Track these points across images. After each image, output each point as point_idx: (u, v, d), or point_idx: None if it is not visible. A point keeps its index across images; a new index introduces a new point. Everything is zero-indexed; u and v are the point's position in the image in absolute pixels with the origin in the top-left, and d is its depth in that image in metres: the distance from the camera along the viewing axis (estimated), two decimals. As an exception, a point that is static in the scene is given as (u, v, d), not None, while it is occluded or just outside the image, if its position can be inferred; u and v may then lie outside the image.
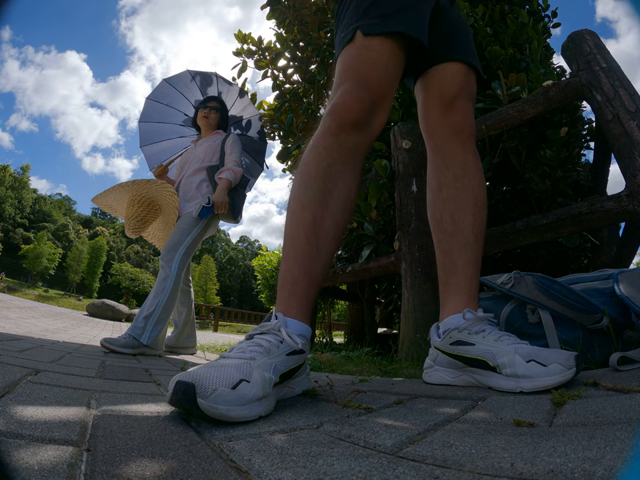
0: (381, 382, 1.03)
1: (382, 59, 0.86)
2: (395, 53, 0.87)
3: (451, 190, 1.00)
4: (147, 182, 2.10)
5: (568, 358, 0.70)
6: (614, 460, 0.33)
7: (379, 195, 1.96)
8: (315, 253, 0.80)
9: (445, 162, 1.02)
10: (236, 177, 2.11)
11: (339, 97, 0.84)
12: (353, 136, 0.84)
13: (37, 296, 22.20)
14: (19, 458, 0.34)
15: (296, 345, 0.70)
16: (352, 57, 0.88)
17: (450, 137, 1.01)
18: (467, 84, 1.03)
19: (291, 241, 0.82)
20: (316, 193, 0.82)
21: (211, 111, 2.32)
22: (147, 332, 1.84)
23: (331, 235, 0.82)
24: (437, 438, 0.46)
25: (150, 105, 2.55)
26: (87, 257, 45.61)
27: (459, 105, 1.00)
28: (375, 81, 0.85)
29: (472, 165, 1.01)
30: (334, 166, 0.83)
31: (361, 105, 0.83)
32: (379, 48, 0.86)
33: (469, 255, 0.96)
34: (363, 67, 0.86)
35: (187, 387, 0.52)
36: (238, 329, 14.25)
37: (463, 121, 1.00)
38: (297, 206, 0.84)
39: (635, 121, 1.25)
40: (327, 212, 0.82)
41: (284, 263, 0.82)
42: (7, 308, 5.84)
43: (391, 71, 0.88)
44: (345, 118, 0.83)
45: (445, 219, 1.00)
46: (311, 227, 0.80)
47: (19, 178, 54.88)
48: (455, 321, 0.90)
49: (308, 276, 0.79)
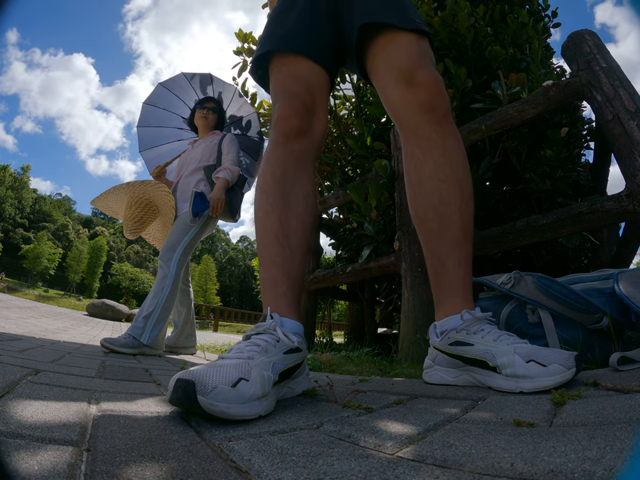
0: (381, 382, 1.03)
1: (296, 69, 0.96)
2: (299, 61, 0.96)
3: (432, 182, 0.89)
4: (141, 183, 2.10)
5: (568, 358, 0.70)
6: (614, 460, 0.32)
7: (379, 194, 1.96)
8: (289, 253, 0.84)
9: (421, 149, 0.90)
10: (233, 176, 2.11)
11: (277, 112, 0.93)
12: (299, 142, 0.91)
13: (37, 296, 22.19)
14: (19, 458, 0.34)
15: (292, 343, 0.72)
16: (274, 78, 0.99)
17: (421, 119, 0.88)
18: (415, 48, 0.90)
19: (264, 246, 0.86)
20: (277, 198, 0.88)
21: (209, 112, 2.33)
22: (146, 332, 1.84)
23: (299, 233, 0.87)
24: (437, 438, 0.46)
25: (147, 110, 2.55)
26: (86, 257, 45.59)
27: (420, 77, 0.87)
28: (299, 89, 0.94)
29: (453, 150, 0.89)
30: (288, 172, 0.90)
31: (297, 112, 0.91)
32: (288, 61, 0.97)
33: (459, 254, 0.90)
34: (284, 81, 0.96)
35: (187, 384, 0.52)
36: (238, 329, 14.24)
37: (430, 96, 0.87)
38: (262, 214, 0.89)
39: (635, 121, 1.25)
40: (291, 213, 0.87)
41: (262, 268, 0.86)
42: (7, 308, 5.84)
43: (308, 77, 0.96)
44: (287, 128, 0.91)
45: (428, 215, 0.91)
46: (279, 230, 0.85)
47: (19, 178, 54.88)
48: (453, 322, 0.89)
49: (287, 276, 0.83)
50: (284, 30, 0.98)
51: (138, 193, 2.12)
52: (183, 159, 2.33)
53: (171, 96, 2.55)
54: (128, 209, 2.16)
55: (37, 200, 62.79)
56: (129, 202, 2.15)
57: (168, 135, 2.63)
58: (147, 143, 2.61)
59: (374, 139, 2.27)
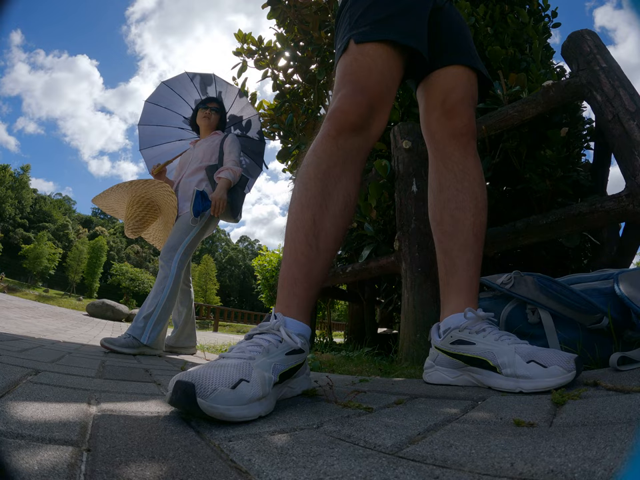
0: (381, 382, 1.03)
1: (377, 63, 0.88)
2: (390, 57, 0.90)
3: (451, 191, 1.00)
4: (144, 182, 2.09)
5: (568, 360, 0.70)
6: (614, 460, 0.32)
7: (379, 194, 1.96)
8: (315, 254, 0.80)
9: (445, 164, 1.02)
10: (235, 177, 2.11)
11: (337, 102, 0.87)
12: (352, 139, 0.86)
13: (37, 296, 22.20)
14: (19, 458, 0.34)
15: (295, 344, 0.70)
16: (347, 64, 0.90)
17: (450, 141, 1.01)
18: (469, 88, 1.03)
19: (291, 241, 0.83)
20: (315, 195, 0.83)
21: (211, 112, 2.32)
22: (146, 332, 1.84)
23: (331, 236, 0.83)
24: (437, 438, 0.46)
25: (149, 108, 2.55)
26: (86, 257, 45.56)
27: (460, 110, 1.00)
28: (371, 85, 0.87)
29: (472, 168, 1.01)
30: (333, 169, 0.85)
31: (359, 109, 0.85)
32: (373, 53, 0.88)
33: (469, 255, 0.96)
34: (358, 72, 0.88)
35: (186, 386, 0.52)
36: (238, 329, 14.25)
37: (463, 125, 1.00)
38: (297, 207, 0.85)
39: (635, 121, 1.25)
40: (327, 213, 0.83)
41: (284, 264, 0.82)
42: (7, 308, 5.84)
43: (387, 74, 0.89)
44: (343, 122, 0.85)
45: (445, 219, 1.00)
46: (310, 228, 0.81)
47: (19, 178, 54.87)
48: (456, 320, 0.90)
49: (307, 276, 0.80)
50: (400, 23, 0.90)
51: (140, 191, 2.11)
52: (184, 158, 2.33)
53: (173, 95, 2.54)
54: (130, 208, 2.15)
55: (37, 200, 62.77)
56: (131, 201, 2.14)
57: (169, 134, 2.63)
58: (148, 142, 2.60)
59: (374, 139, 2.27)
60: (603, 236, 1.76)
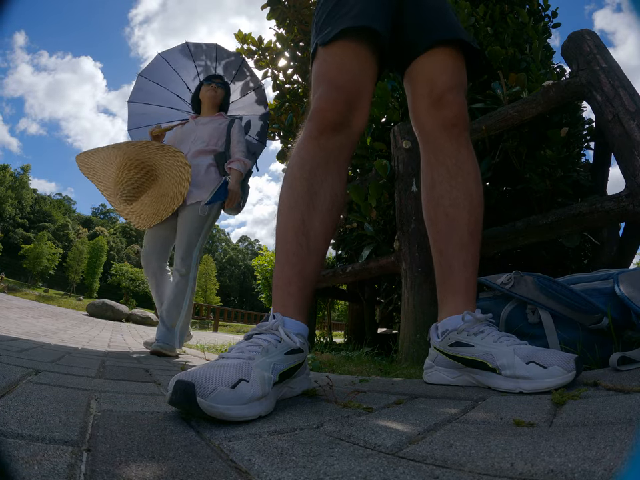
0: (381, 382, 1.03)
1: (344, 60, 0.90)
2: (358, 51, 0.91)
3: (444, 187, 0.96)
4: (144, 144, 1.83)
5: (568, 360, 0.70)
6: (614, 460, 0.32)
7: (379, 194, 1.96)
8: (306, 252, 0.82)
9: (437, 158, 0.98)
10: (245, 169, 2.09)
11: (314, 103, 0.89)
12: (334, 139, 0.87)
13: (37, 296, 22.18)
14: (18, 458, 0.34)
15: (294, 343, 0.71)
16: (319, 67, 0.93)
17: (441, 133, 0.96)
18: (457, 74, 0.97)
19: (282, 242, 0.84)
20: (302, 195, 0.85)
21: (217, 87, 2.26)
22: (176, 339, 1.93)
23: (320, 234, 0.84)
24: (437, 438, 0.46)
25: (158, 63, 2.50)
26: (86, 257, 45.52)
27: (449, 99, 0.95)
28: (344, 82, 0.89)
29: (466, 161, 0.96)
30: (318, 168, 0.86)
31: (336, 106, 0.87)
32: (339, 51, 0.90)
33: (465, 255, 0.93)
34: (329, 72, 0.90)
35: (186, 386, 0.52)
36: (238, 329, 14.23)
37: (453, 116, 0.95)
38: (284, 208, 0.86)
39: (635, 121, 1.25)
40: (315, 212, 0.84)
41: (277, 264, 0.84)
42: (7, 308, 5.84)
43: (357, 69, 0.90)
44: (323, 120, 0.87)
45: (439, 217, 0.97)
46: (299, 228, 0.82)
47: (19, 178, 54.87)
48: (454, 322, 0.89)
49: (301, 276, 0.81)
50: (354, 11, 0.90)
51: (142, 155, 1.89)
52: (183, 132, 2.19)
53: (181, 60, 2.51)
54: (123, 172, 1.90)
55: (37, 200, 62.76)
56: (125, 163, 1.89)
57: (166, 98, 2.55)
58: (141, 97, 2.52)
59: (374, 139, 2.27)
60: (603, 236, 1.76)
